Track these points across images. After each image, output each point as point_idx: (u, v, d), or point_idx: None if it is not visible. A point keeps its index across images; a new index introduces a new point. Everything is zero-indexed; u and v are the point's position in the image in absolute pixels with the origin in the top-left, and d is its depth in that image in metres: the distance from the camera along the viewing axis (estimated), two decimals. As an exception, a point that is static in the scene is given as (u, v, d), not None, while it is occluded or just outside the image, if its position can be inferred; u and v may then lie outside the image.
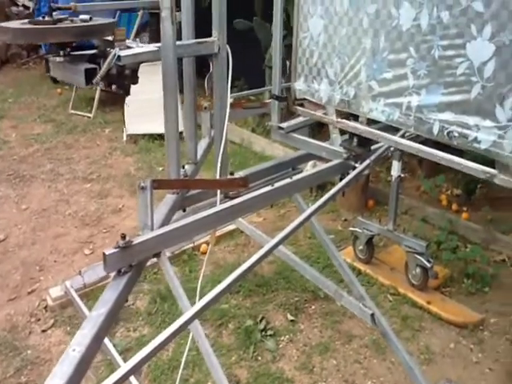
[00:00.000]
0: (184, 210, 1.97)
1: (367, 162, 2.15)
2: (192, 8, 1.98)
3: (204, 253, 3.61)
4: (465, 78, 1.75)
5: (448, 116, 1.83)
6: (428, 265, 3.14)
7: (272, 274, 3.40)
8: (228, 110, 2.07)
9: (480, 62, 1.70)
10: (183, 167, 2.11)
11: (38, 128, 6.27)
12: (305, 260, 3.46)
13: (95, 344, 1.36)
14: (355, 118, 2.25)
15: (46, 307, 3.25)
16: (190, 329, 1.93)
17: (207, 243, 3.69)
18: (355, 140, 2.23)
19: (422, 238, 3.70)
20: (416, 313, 3.14)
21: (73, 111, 6.57)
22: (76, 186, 4.75)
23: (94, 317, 1.41)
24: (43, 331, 3.09)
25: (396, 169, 3.32)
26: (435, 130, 1.88)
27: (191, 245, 3.69)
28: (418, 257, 3.17)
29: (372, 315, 2.49)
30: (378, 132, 2.12)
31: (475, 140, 1.75)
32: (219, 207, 1.74)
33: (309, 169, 3.47)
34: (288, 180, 2.00)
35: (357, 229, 3.49)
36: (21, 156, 5.45)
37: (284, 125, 2.53)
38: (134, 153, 5.37)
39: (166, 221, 1.77)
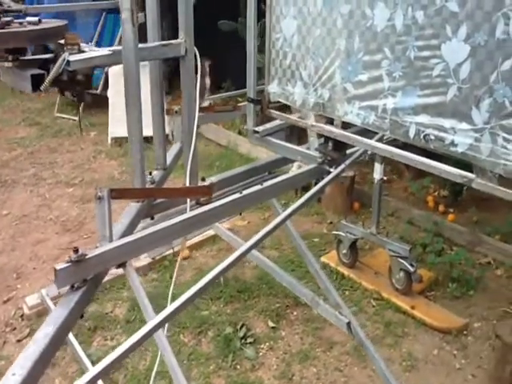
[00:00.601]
0: (152, 218, 1.90)
1: (342, 166, 2.09)
2: (157, 9, 1.89)
3: (185, 258, 3.54)
4: (440, 79, 1.70)
5: (424, 119, 1.77)
6: (411, 269, 3.10)
7: (254, 280, 3.35)
8: (197, 114, 2.00)
9: (455, 63, 1.64)
10: (150, 173, 2.03)
11: (22, 131, 6.15)
12: (288, 264, 3.41)
13: (39, 367, 1.26)
14: (331, 121, 2.18)
15: (22, 316, 3.16)
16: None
17: (189, 248, 3.61)
18: (330, 144, 2.17)
19: (408, 241, 3.67)
20: (400, 318, 3.09)
21: (58, 114, 6.45)
22: (58, 191, 4.65)
23: (40, 337, 1.32)
24: (18, 341, 3.00)
25: (378, 171, 3.27)
26: (411, 133, 1.82)
27: (171, 250, 3.60)
28: (402, 261, 3.13)
29: (348, 324, 2.44)
30: (353, 136, 2.05)
31: (452, 143, 1.70)
32: (184, 216, 1.66)
33: (294, 170, 3.40)
34: (258, 187, 1.93)
35: (340, 232, 3.44)
36: (3, 160, 5.34)
37: (260, 128, 2.46)
38: (119, 156, 5.28)
39: (129, 231, 1.69)
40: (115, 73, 5.26)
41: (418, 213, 4.04)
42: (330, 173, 2.16)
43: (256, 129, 2.46)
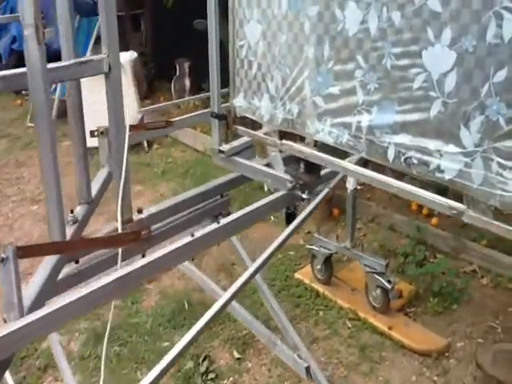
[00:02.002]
0: (77, 262, 1.61)
1: (319, 197, 1.83)
2: (71, 22, 1.60)
3: (150, 281, 3.25)
4: (422, 92, 1.43)
5: (404, 139, 1.50)
6: (388, 286, 2.83)
7: None
8: (127, 136, 1.71)
9: (439, 73, 1.37)
10: (72, 212, 1.73)
11: (-10, 144, 5.85)
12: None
13: None
14: (302, 138, 1.91)
15: None
16: None
17: None
18: (302, 165, 1.89)
19: (389, 249, 3.44)
20: (376, 341, 2.82)
21: (30, 124, 6.11)
22: (22, 209, 4.36)
23: None
24: None
25: (351, 182, 2.98)
26: (390, 155, 1.55)
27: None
28: (378, 277, 2.86)
29: (307, 368, 2.18)
30: (326, 156, 1.78)
31: (438, 169, 1.43)
32: (113, 276, 1.35)
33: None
34: (214, 226, 1.64)
35: (314, 247, 3.16)
36: (-35, 177, 5.05)
37: (225, 147, 2.19)
38: (90, 167, 4.99)
39: (45, 293, 1.37)
40: (84, 80, 4.98)
41: (400, 218, 3.76)
42: (302, 199, 1.88)
43: (221, 148, 2.18)
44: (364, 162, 1.72)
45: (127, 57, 5.15)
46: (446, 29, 1.33)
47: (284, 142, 1.94)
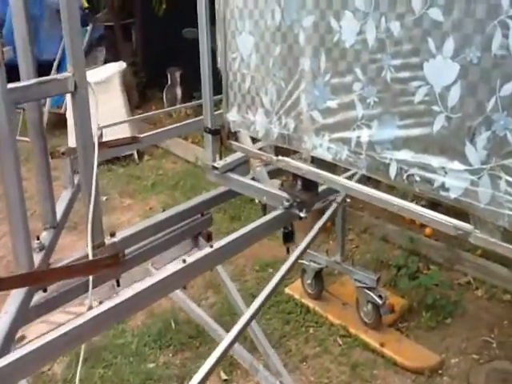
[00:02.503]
0: (45, 290, 1.52)
1: (323, 219, 1.74)
2: (29, 39, 1.50)
3: None
4: (424, 106, 1.35)
5: (406, 155, 1.42)
6: (379, 301, 2.71)
7: (210, 322, 2.93)
8: (96, 156, 1.61)
9: (442, 86, 1.30)
10: (38, 238, 1.64)
11: (-23, 158, 5.72)
12: (249, 299, 2.99)
13: None
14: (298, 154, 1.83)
15: None
16: None
17: None
18: (299, 182, 1.81)
19: (381, 261, 3.32)
20: (368, 358, 2.70)
21: (18, 137, 6.01)
22: (6, 227, 4.20)
23: None
24: None
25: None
26: (392, 172, 1.47)
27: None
28: (369, 292, 2.75)
29: None
30: (324, 174, 1.70)
31: (442, 187, 1.35)
32: (85, 317, 1.25)
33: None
34: (207, 251, 1.55)
35: (303, 261, 3.04)
36: None
37: (220, 163, 2.11)
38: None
39: (11, 332, 1.27)
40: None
41: (393, 229, 3.60)
42: (300, 218, 1.80)
43: (215, 164, 2.10)
44: (364, 178, 1.64)
45: (116, 67, 5.07)
46: (448, 39, 1.26)
47: (280, 158, 1.87)
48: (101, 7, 6.47)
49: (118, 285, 1.75)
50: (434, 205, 1.47)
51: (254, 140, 2.05)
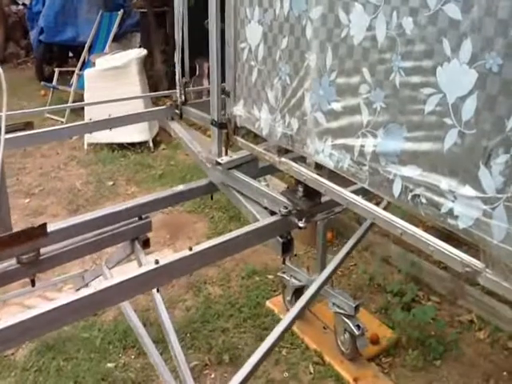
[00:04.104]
0: None
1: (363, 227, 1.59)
2: None
3: None
4: (435, 118, 1.16)
5: (413, 172, 1.24)
6: (356, 332, 2.34)
7: (179, 327, 2.58)
8: (3, 142, 1.44)
9: (456, 96, 1.10)
10: None
11: (6, 133, 5.72)
12: (227, 307, 2.81)
13: None
14: (303, 158, 1.66)
15: None
16: None
17: None
18: (301, 189, 1.65)
19: (378, 284, 2.94)
20: None
21: (48, 115, 6.01)
22: (13, 201, 4.07)
23: None
24: None
25: None
26: (396, 189, 1.29)
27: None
28: (346, 320, 2.38)
29: None
30: (327, 183, 1.53)
31: (450, 214, 1.16)
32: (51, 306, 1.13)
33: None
34: (184, 253, 1.40)
35: (284, 275, 2.71)
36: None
37: (224, 159, 1.97)
38: (91, 164, 4.72)
39: None
40: (91, 75, 4.82)
41: (396, 250, 3.18)
42: (299, 227, 1.64)
43: (219, 160, 1.96)
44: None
45: (135, 54, 4.94)
46: (465, 41, 1.06)
47: (283, 160, 1.70)
48: (137, -8, 6.37)
49: (33, 285, 1.64)
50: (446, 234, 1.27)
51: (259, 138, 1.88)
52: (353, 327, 2.32)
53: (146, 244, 1.98)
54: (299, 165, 1.63)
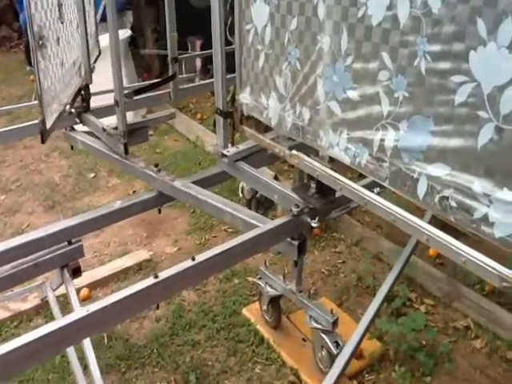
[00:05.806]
0: None
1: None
2: None
3: (84, 299, 2.69)
4: (468, 110, 1.01)
5: (441, 171, 1.09)
6: (334, 351, 2.05)
7: (146, 341, 2.40)
8: None
9: (493, 85, 0.95)
10: None
11: (-13, 122, 5.40)
12: (201, 315, 2.55)
13: None
14: (316, 151, 1.52)
15: None
16: None
17: (88, 287, 2.77)
18: (313, 185, 1.51)
19: (367, 286, 2.66)
20: None
21: (36, 102, 5.78)
22: None
23: None
24: None
25: None
26: (421, 190, 1.14)
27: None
28: (323, 336, 2.10)
29: None
30: (343, 180, 1.39)
31: (485, 220, 1.02)
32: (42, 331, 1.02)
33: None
34: (188, 263, 1.27)
35: (259, 282, 2.38)
36: None
37: (230, 151, 1.83)
38: (74, 154, 4.46)
39: None
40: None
41: (388, 246, 2.89)
42: (311, 227, 1.51)
43: (224, 151, 1.82)
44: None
45: (119, 35, 4.76)
46: (504, 21, 0.91)
47: (294, 152, 1.56)
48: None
49: None
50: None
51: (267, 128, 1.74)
52: (330, 345, 2.06)
53: (76, 272, 1.78)
54: (312, 159, 1.49)
